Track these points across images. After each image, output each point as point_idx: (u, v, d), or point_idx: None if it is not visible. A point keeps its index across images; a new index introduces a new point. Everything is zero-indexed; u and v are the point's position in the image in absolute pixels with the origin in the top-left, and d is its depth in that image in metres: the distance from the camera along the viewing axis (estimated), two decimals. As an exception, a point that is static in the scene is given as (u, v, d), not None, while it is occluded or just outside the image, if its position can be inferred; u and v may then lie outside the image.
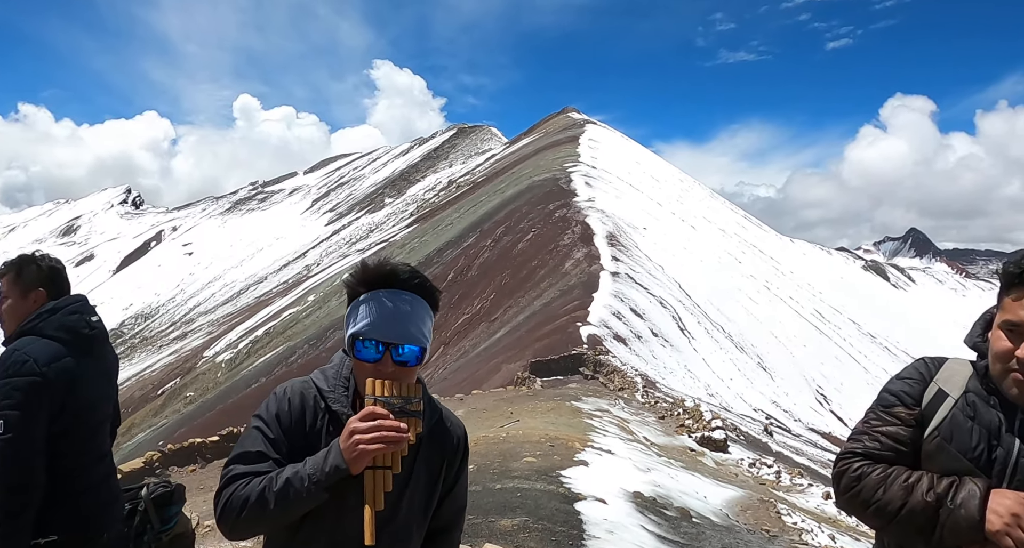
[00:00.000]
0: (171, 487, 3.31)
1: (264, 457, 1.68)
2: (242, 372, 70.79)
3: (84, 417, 2.60)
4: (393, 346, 1.70)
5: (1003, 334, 1.63)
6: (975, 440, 1.65)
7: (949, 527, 1.56)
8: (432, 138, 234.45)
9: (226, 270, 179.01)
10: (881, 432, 1.76)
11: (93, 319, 2.70)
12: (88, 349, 2.64)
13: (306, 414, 1.74)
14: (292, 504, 1.61)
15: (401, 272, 1.74)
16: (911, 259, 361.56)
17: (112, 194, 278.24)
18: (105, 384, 2.78)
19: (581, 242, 55.91)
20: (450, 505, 1.94)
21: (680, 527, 8.16)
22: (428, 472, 1.82)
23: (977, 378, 1.72)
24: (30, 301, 2.65)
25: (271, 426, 1.72)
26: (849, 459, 1.76)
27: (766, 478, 17.16)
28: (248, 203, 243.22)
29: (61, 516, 2.54)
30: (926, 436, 1.72)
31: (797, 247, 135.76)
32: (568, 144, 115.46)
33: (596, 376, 27.01)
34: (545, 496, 7.85)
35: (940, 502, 1.58)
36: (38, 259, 2.72)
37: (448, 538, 1.98)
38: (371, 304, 1.72)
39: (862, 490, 1.69)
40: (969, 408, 1.69)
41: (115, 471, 2.86)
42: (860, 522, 1.75)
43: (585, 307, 37.48)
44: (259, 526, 1.67)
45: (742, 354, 50.57)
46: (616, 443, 13.47)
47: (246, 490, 1.63)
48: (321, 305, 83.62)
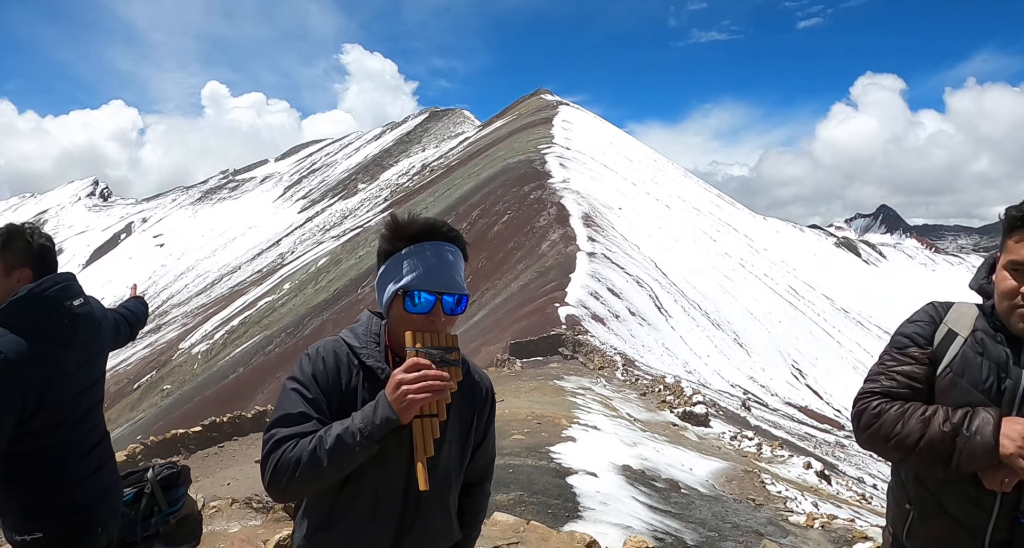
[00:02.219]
0: (177, 469, 3.28)
1: (307, 418, 1.69)
2: (219, 363, 70.21)
3: (66, 410, 2.42)
4: (443, 297, 1.73)
5: (1008, 274, 1.74)
6: (985, 374, 1.75)
7: (966, 453, 1.65)
8: (404, 122, 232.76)
9: (199, 261, 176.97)
10: (897, 372, 1.85)
11: (75, 304, 2.45)
12: (68, 339, 2.42)
13: (341, 371, 1.76)
14: (345, 460, 1.63)
15: (440, 225, 1.79)
16: (882, 235, 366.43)
17: (79, 186, 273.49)
18: (91, 370, 2.57)
19: (557, 223, 55.99)
20: (481, 457, 1.98)
21: (670, 498, 8.28)
22: (461, 423, 1.86)
23: (984, 317, 1.82)
24: (12, 280, 2.39)
25: (308, 386, 1.73)
26: (868, 398, 1.85)
27: (748, 450, 17.41)
28: (219, 192, 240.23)
29: (52, 510, 2.40)
30: (939, 373, 1.82)
31: (770, 225, 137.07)
32: (542, 126, 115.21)
33: (575, 356, 27.17)
34: (537, 471, 7.91)
35: (956, 431, 1.67)
36: (28, 233, 2.44)
37: (482, 490, 2.04)
38: (417, 257, 1.74)
39: (882, 426, 1.78)
40: (978, 345, 1.79)
41: (112, 457, 2.70)
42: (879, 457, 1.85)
43: (563, 288, 37.61)
44: (313, 486, 1.68)
45: (718, 331, 51.10)
46: (601, 419, 13.59)
47: (295, 451, 1.64)
48: (297, 293, 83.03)
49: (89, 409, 2.54)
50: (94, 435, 2.58)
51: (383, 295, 1.79)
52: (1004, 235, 1.78)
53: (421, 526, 1.79)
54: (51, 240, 2.54)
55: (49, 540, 2.39)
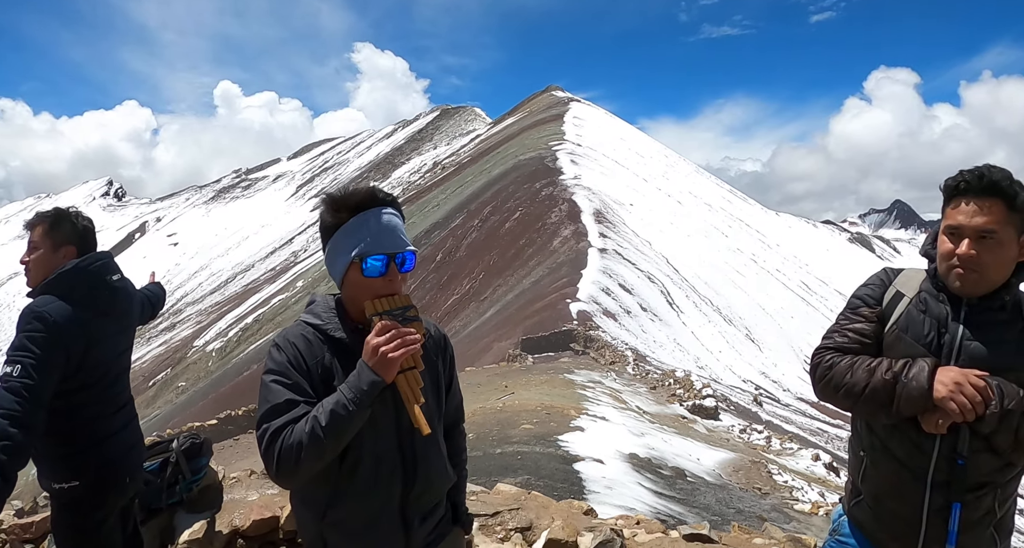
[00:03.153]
0: (200, 440, 3.50)
1: (294, 403, 1.79)
2: (233, 360, 70.68)
3: (101, 372, 2.72)
4: (394, 257, 1.87)
5: (946, 238, 1.93)
6: (926, 329, 1.94)
7: (904, 398, 1.84)
8: (416, 120, 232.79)
9: (212, 259, 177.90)
10: (849, 329, 2.06)
11: (114, 278, 2.79)
12: (106, 309, 2.74)
13: (313, 351, 1.87)
14: (344, 431, 1.75)
15: (377, 191, 1.92)
16: (896, 231, 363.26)
17: (94, 186, 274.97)
18: (123, 339, 2.88)
19: (568, 220, 56.02)
20: (452, 400, 2.17)
21: (675, 484, 8.44)
22: (431, 371, 2.02)
23: (929, 279, 2.01)
24: (59, 256, 2.71)
25: (287, 373, 1.83)
26: (822, 353, 2.06)
27: (757, 443, 17.53)
28: (232, 191, 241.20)
29: (84, 462, 2.68)
30: (886, 330, 2.02)
31: (783, 220, 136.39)
32: (553, 122, 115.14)
33: (587, 351, 27.29)
34: (544, 458, 8.09)
35: (896, 379, 1.86)
36: (73, 216, 2.78)
37: (459, 430, 2.24)
38: (363, 226, 1.86)
39: (833, 376, 1.98)
40: (922, 304, 1.98)
41: (136, 418, 2.99)
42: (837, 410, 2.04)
43: (574, 284, 37.70)
44: (318, 464, 1.78)
45: (730, 327, 51.02)
46: (610, 411, 13.75)
47: (294, 437, 1.73)
48: (310, 290, 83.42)
49: (119, 374, 2.85)
50: (122, 397, 2.88)
51: (336, 268, 1.91)
52: (944, 205, 1.95)
53: (424, 472, 1.95)
54: (92, 222, 2.86)
55: (83, 488, 2.68)
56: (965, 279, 1.89)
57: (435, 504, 2.06)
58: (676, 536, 3.08)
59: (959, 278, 1.90)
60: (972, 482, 1.88)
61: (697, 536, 3.06)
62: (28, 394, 2.36)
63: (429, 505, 2.02)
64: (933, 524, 1.92)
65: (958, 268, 1.89)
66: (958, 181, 1.90)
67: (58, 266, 2.67)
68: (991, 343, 1.88)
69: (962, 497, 1.88)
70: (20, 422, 2.31)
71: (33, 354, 2.42)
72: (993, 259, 1.87)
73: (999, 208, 1.85)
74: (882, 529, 2.04)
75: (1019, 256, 1.91)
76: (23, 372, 2.38)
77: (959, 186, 1.90)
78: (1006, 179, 1.86)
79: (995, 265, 1.88)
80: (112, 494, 2.77)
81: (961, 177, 1.90)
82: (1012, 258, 1.90)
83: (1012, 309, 1.92)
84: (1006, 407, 1.77)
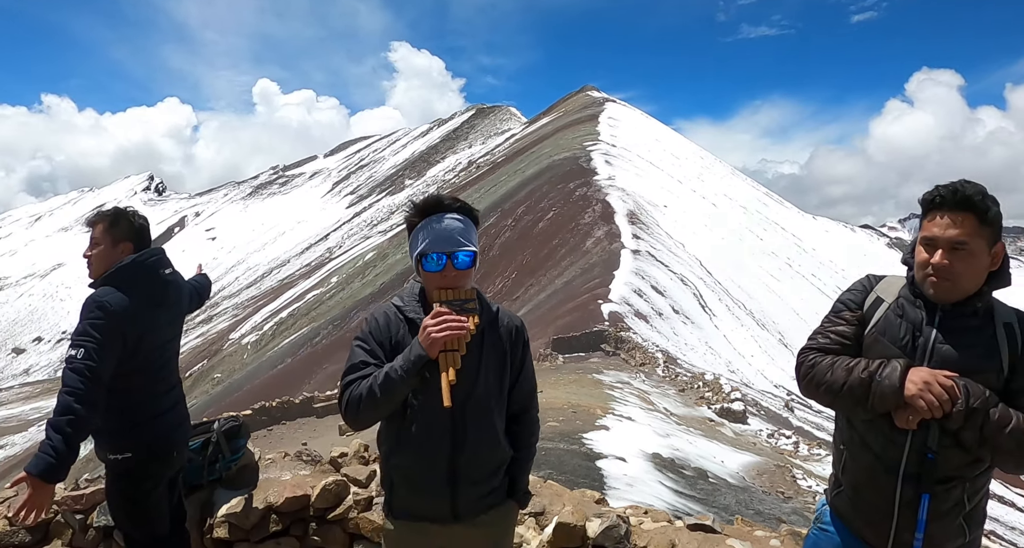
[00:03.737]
0: (239, 422, 3.76)
1: (367, 364, 2.22)
2: (268, 353, 71.80)
3: (153, 356, 3.01)
4: (451, 255, 2.22)
5: (923, 248, 2.08)
6: (902, 332, 2.09)
7: (878, 395, 1.99)
8: (451, 119, 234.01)
9: (249, 254, 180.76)
10: (832, 331, 2.22)
11: (167, 272, 3.08)
12: (159, 300, 3.03)
13: (390, 327, 2.28)
14: (393, 391, 2.14)
15: (445, 199, 2.28)
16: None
17: (135, 181, 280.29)
18: (173, 327, 3.17)
19: (602, 220, 56.05)
20: (521, 388, 2.43)
21: (696, 484, 8.55)
22: (496, 356, 2.33)
23: (908, 286, 2.16)
24: (118, 251, 2.98)
25: (367, 341, 2.26)
26: (806, 353, 2.22)
27: (784, 448, 17.49)
28: (269, 187, 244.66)
29: (137, 437, 2.97)
30: (866, 332, 2.17)
31: (819, 224, 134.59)
32: (588, 123, 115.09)
33: (617, 352, 27.35)
34: (568, 454, 8.26)
35: (872, 377, 2.01)
36: (130, 215, 3.05)
37: (528, 417, 2.49)
38: (427, 228, 2.24)
39: (815, 375, 2.14)
40: (899, 309, 2.13)
41: (183, 399, 3.27)
42: (818, 404, 2.22)
43: (606, 285, 37.77)
44: (376, 413, 2.20)
45: (763, 331, 50.64)
46: (636, 411, 13.87)
47: (359, 390, 2.16)
48: (344, 286, 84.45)
49: (169, 358, 3.13)
50: (172, 380, 3.16)
51: (412, 263, 2.30)
52: (921, 217, 2.10)
53: (473, 438, 2.28)
54: (147, 221, 3.13)
55: (135, 460, 2.97)
56: (939, 287, 2.04)
57: (488, 473, 2.35)
58: (680, 525, 3.25)
59: (933, 286, 2.04)
60: (941, 475, 2.02)
61: (701, 526, 3.22)
62: (91, 374, 2.65)
63: (479, 472, 2.31)
64: (904, 514, 2.07)
65: (932, 276, 2.04)
66: (934, 195, 2.05)
67: (117, 260, 2.95)
68: (961, 347, 2.02)
69: (931, 489, 2.02)
70: (84, 399, 2.60)
71: (94, 339, 2.70)
72: (965, 269, 2.01)
73: (971, 221, 1.99)
74: (859, 517, 2.19)
75: (990, 266, 2.05)
76: (86, 355, 2.66)
77: (935, 200, 2.04)
78: (978, 194, 2.00)
79: (967, 274, 2.02)
80: (160, 466, 3.05)
81: (937, 192, 2.04)
82: (984, 268, 2.04)
83: (983, 315, 2.06)
84: (971, 406, 1.91)
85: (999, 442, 1.93)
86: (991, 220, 2.01)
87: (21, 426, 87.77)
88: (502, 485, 2.42)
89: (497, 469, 2.38)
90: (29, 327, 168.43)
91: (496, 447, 2.34)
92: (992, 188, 2.06)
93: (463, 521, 2.32)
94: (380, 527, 3.33)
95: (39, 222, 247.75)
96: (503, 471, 2.41)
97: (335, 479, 3.57)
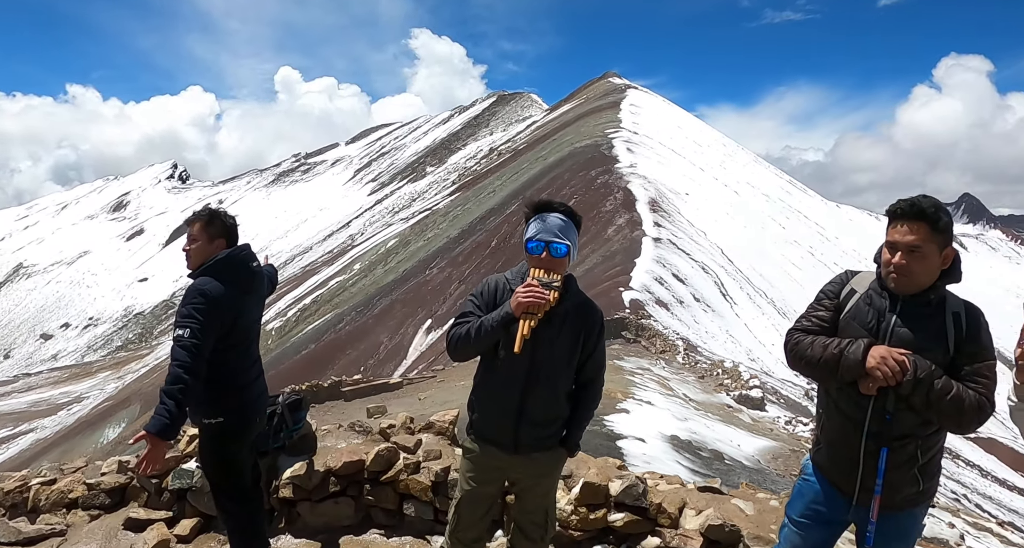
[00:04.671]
0: (300, 396, 4.24)
1: (471, 314, 2.92)
2: (292, 339, 72.69)
3: (244, 335, 3.54)
4: (549, 244, 2.85)
5: (886, 249, 2.58)
6: (870, 318, 2.59)
7: (845, 367, 2.50)
8: (472, 106, 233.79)
9: (272, 241, 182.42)
10: (814, 316, 2.73)
11: (254, 265, 3.62)
12: (249, 288, 3.56)
13: (497, 291, 2.95)
14: (483, 336, 2.82)
15: (553, 201, 2.95)
16: (964, 225, 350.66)
17: (159, 170, 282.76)
18: (258, 311, 3.71)
19: (623, 208, 56.15)
20: (592, 363, 3.04)
21: (712, 465, 8.96)
22: (572, 333, 2.93)
23: (876, 280, 2.66)
24: (213, 246, 3.52)
25: (476, 298, 2.96)
26: (792, 333, 2.73)
27: (801, 434, 17.78)
28: (291, 175, 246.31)
29: (228, 403, 3.49)
30: (841, 317, 2.67)
31: (843, 213, 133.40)
32: (609, 110, 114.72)
33: (638, 340, 27.65)
34: (590, 434, 8.69)
35: (841, 352, 2.52)
36: (223, 215, 3.62)
37: (593, 387, 3.10)
38: (537, 220, 2.90)
39: (798, 350, 2.65)
40: (868, 299, 2.63)
41: (263, 373, 3.78)
42: (805, 377, 2.73)
43: (627, 272, 38.00)
44: (468, 350, 2.88)
45: (785, 320, 50.59)
46: (656, 396, 14.26)
47: (461, 330, 2.87)
48: (367, 273, 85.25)
49: (255, 336, 3.68)
50: (255, 354, 3.69)
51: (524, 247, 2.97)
52: (887, 224, 2.60)
53: (540, 391, 2.90)
54: (235, 220, 3.70)
55: (227, 423, 3.50)
56: (898, 282, 2.53)
57: (549, 420, 2.96)
58: (691, 487, 3.68)
59: (894, 281, 2.54)
60: (897, 433, 2.52)
61: (709, 488, 3.66)
62: (195, 350, 3.18)
63: (539, 417, 2.92)
64: (868, 464, 2.56)
65: (893, 274, 2.53)
66: (896, 207, 2.54)
67: (212, 254, 3.49)
68: (915, 330, 2.52)
69: (889, 444, 2.52)
70: (190, 370, 3.14)
71: (197, 320, 3.22)
72: (920, 268, 2.49)
73: (925, 230, 2.47)
74: (833, 468, 2.69)
75: (942, 265, 2.52)
76: (191, 334, 3.20)
77: (896, 212, 2.54)
78: (932, 207, 2.48)
79: (921, 273, 2.50)
80: (246, 429, 3.58)
81: (898, 205, 2.54)
82: (936, 267, 2.52)
83: (936, 305, 2.55)
84: (918, 376, 2.40)
85: (941, 407, 2.40)
86: (942, 228, 2.48)
87: (50, 410, 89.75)
88: (557, 433, 3.00)
89: (555, 419, 2.97)
90: (57, 313, 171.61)
91: (556, 401, 2.93)
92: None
93: (520, 453, 2.92)
94: (428, 487, 3.83)
95: (65, 210, 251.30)
96: (560, 423, 3.00)
97: (386, 446, 4.04)
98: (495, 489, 3.10)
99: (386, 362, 47.63)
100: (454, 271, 61.94)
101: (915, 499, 2.61)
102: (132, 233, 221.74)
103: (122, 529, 4.21)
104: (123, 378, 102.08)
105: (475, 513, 3.06)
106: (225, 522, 3.66)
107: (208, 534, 4.13)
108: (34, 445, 71.65)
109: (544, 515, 3.12)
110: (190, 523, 4.13)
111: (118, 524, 4.25)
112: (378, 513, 4.12)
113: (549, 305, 2.77)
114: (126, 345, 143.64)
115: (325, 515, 4.10)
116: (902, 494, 2.57)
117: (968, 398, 2.40)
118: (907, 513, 2.63)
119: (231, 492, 3.55)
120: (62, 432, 73.70)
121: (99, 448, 54.30)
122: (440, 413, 4.48)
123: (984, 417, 2.45)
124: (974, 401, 2.40)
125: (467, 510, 3.05)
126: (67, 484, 4.48)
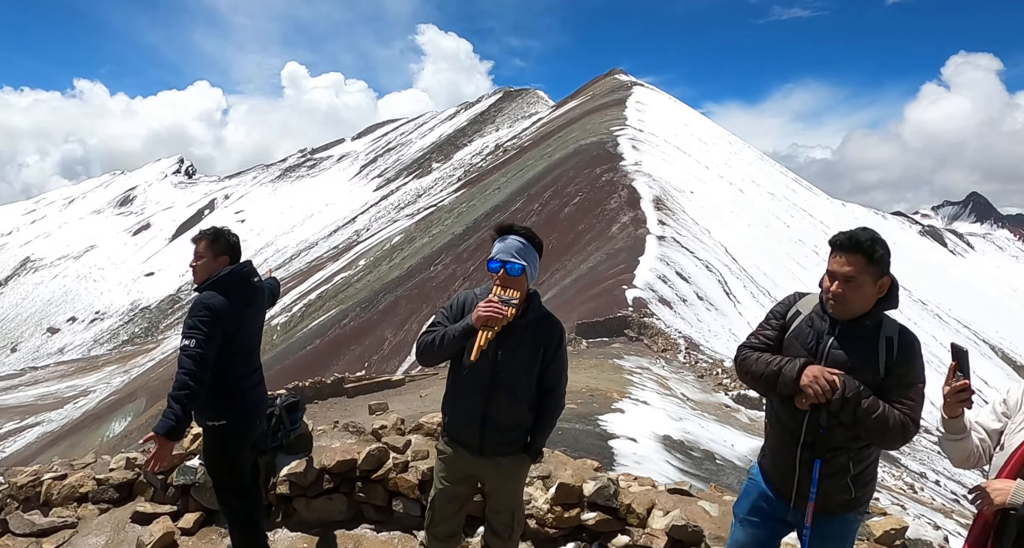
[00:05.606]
0: (297, 397, 4.50)
1: (440, 324, 3.23)
2: (297, 334, 73.04)
3: (245, 344, 3.83)
4: (506, 263, 3.12)
5: (826, 277, 2.77)
6: (810, 339, 2.81)
7: (782, 383, 2.73)
8: (478, 102, 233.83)
9: (277, 236, 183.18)
10: (761, 334, 2.96)
11: (255, 280, 3.90)
12: (250, 301, 3.84)
13: (465, 305, 3.25)
14: (447, 345, 3.12)
15: (515, 225, 3.22)
16: (971, 224, 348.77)
17: (166, 164, 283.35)
18: (258, 322, 3.98)
19: (628, 206, 56.30)
20: (552, 371, 3.27)
21: (702, 465, 9.18)
22: (532, 345, 3.19)
23: (819, 304, 2.85)
24: (218, 262, 3.79)
25: (446, 311, 3.27)
26: (741, 350, 2.97)
27: (798, 433, 17.97)
28: (298, 170, 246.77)
29: (230, 407, 3.76)
30: (786, 337, 2.89)
31: (849, 211, 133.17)
32: (615, 107, 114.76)
33: (640, 338, 27.81)
34: (583, 434, 8.93)
35: (780, 370, 2.74)
36: (227, 234, 3.90)
37: (555, 394, 3.33)
38: (499, 241, 3.19)
39: (745, 366, 2.88)
40: (810, 321, 2.85)
41: (264, 379, 4.06)
42: (756, 391, 2.94)
43: (631, 270, 38.17)
44: (434, 357, 3.17)
45: (787, 318, 50.62)
46: (653, 396, 14.49)
47: (428, 338, 3.17)
48: (372, 269, 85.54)
49: (256, 345, 3.95)
50: (257, 362, 3.97)
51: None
52: (829, 254, 2.78)
53: (502, 398, 3.16)
54: (239, 238, 3.97)
55: (229, 426, 3.77)
56: (835, 308, 2.74)
57: (511, 426, 3.20)
58: (661, 489, 3.93)
59: (831, 307, 2.75)
60: (830, 445, 2.74)
61: (678, 490, 3.90)
62: (200, 359, 3.46)
63: (502, 422, 3.17)
64: (803, 472, 2.80)
65: (831, 300, 2.74)
66: (835, 239, 2.75)
67: (216, 270, 3.77)
68: (849, 352, 2.72)
69: (822, 455, 2.75)
70: (195, 377, 3.43)
71: (202, 331, 3.50)
72: (855, 296, 2.70)
73: (860, 261, 2.67)
74: (774, 472, 2.94)
75: (878, 293, 2.72)
76: (196, 344, 3.48)
77: (835, 243, 2.74)
78: (869, 240, 2.68)
79: (856, 301, 2.71)
80: (247, 431, 3.85)
81: (838, 237, 2.74)
82: (871, 296, 2.72)
83: (871, 329, 2.75)
84: (846, 395, 2.61)
85: (867, 424, 2.62)
86: (876, 261, 2.69)
87: (57, 403, 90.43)
88: (520, 439, 3.26)
89: (518, 425, 3.23)
90: (63, 307, 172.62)
91: (517, 407, 3.19)
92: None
93: (485, 456, 3.19)
94: (415, 485, 4.10)
95: (73, 204, 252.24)
96: (524, 429, 3.25)
97: (377, 446, 4.29)
98: (466, 488, 3.35)
99: (390, 358, 47.95)
100: (459, 268, 62.20)
101: (848, 505, 2.82)
102: (139, 228, 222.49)
103: (130, 522, 4.47)
104: (129, 372, 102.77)
105: (448, 510, 3.33)
106: (226, 516, 3.93)
107: (210, 527, 4.40)
108: (41, 438, 72.28)
109: (511, 515, 3.38)
110: (193, 517, 4.40)
111: (126, 517, 4.51)
112: (369, 509, 4.38)
113: (507, 320, 3.04)
114: (132, 339, 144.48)
115: (319, 510, 4.36)
116: (834, 501, 2.79)
117: (893, 417, 2.61)
118: (841, 518, 2.84)
119: (232, 488, 3.82)
120: (69, 426, 74.32)
121: (105, 442, 54.76)
122: (429, 415, 4.73)
123: (909, 436, 2.66)
124: (898, 420, 2.61)
125: (441, 507, 3.33)
126: (78, 479, 4.74)
